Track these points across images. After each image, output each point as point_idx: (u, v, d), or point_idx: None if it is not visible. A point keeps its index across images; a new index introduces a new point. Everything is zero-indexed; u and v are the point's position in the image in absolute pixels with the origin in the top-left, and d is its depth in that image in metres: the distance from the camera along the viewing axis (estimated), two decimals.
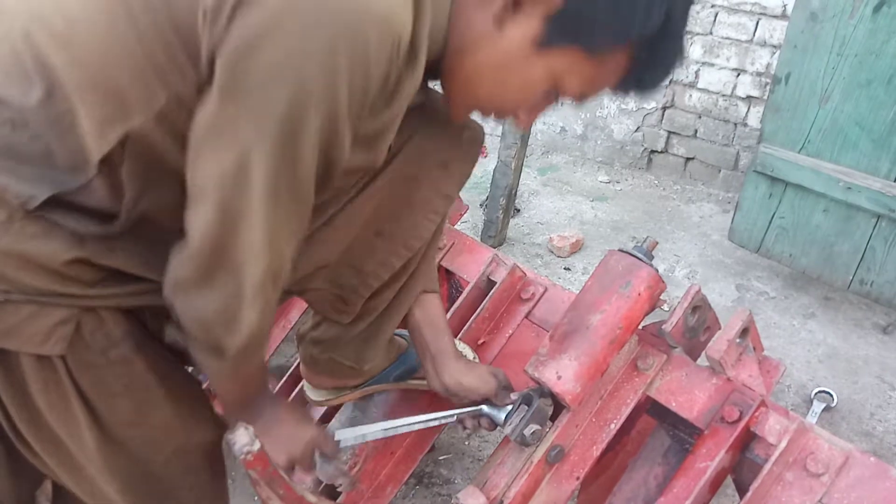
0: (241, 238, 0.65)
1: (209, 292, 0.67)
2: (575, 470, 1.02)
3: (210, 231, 0.64)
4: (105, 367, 0.78)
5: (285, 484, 0.92)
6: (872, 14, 1.68)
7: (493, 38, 0.69)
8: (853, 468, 0.85)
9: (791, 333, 2.08)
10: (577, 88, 0.75)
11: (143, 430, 0.84)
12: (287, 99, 0.59)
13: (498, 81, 0.74)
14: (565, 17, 0.67)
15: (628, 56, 0.71)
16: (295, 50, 0.57)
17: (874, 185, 1.80)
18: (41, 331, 0.72)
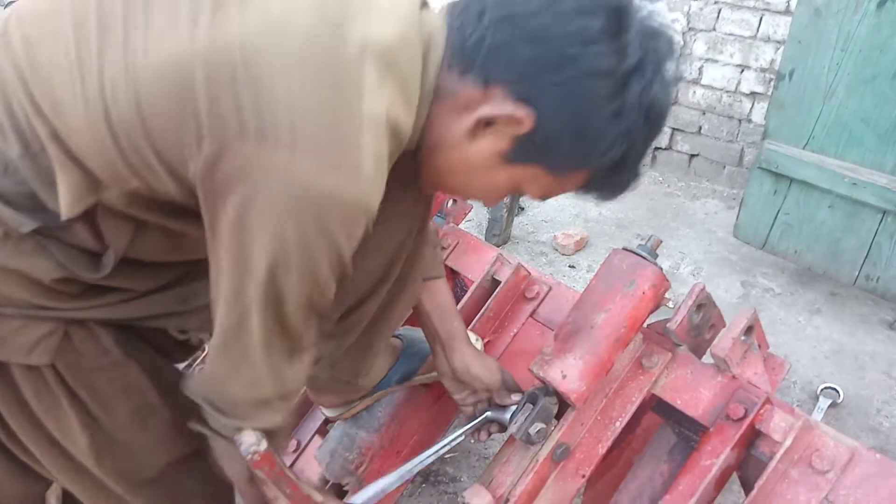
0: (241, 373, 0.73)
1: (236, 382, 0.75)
2: (580, 468, 1.03)
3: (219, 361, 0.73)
4: (98, 373, 0.80)
5: (292, 483, 0.93)
6: (876, 9, 1.67)
7: (464, 147, 0.73)
8: (859, 465, 0.86)
9: (797, 329, 2.08)
10: (537, 194, 0.81)
11: (144, 434, 0.86)
12: (272, 271, 0.64)
13: (464, 181, 0.79)
14: (532, 141, 0.70)
15: (587, 176, 0.77)
16: (279, 234, 0.62)
17: (879, 181, 1.79)
18: (27, 342, 0.75)
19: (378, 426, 1.19)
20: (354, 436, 1.18)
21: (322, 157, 0.60)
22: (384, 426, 1.19)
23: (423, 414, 1.25)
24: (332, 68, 0.61)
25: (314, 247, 0.63)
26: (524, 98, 0.67)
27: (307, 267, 0.65)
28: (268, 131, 0.59)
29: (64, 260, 0.72)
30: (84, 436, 0.81)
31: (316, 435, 1.37)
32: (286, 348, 0.73)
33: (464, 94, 0.70)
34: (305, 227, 0.62)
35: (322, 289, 0.68)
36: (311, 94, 0.61)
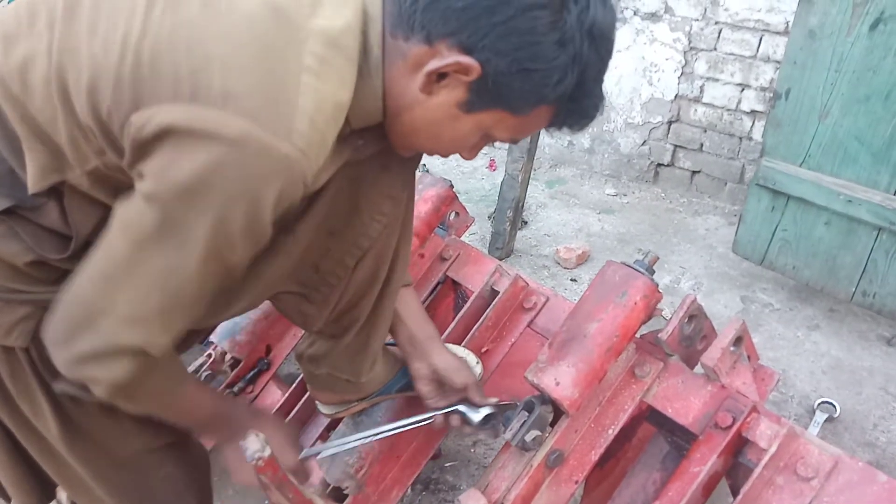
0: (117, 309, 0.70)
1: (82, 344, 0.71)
2: (574, 474, 1.05)
3: (96, 301, 0.70)
4: None
5: (295, 489, 0.96)
6: (869, 31, 1.71)
7: (423, 104, 0.76)
8: (842, 473, 0.88)
9: (795, 345, 2.10)
10: (506, 137, 0.83)
11: (112, 424, 0.88)
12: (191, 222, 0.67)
13: (432, 137, 0.81)
14: (485, 86, 0.73)
15: (551, 111, 0.79)
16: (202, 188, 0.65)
17: (874, 199, 1.82)
18: (5, 324, 0.78)
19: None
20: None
21: (254, 116, 0.64)
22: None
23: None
24: (272, 42, 0.67)
25: (233, 197, 0.65)
26: (468, 46, 0.70)
27: (221, 215, 0.66)
28: (200, 92, 0.64)
29: (32, 242, 0.76)
30: (54, 421, 0.84)
31: (318, 440, 1.40)
32: (173, 294, 0.71)
33: (411, 55, 0.73)
34: (228, 177, 0.64)
35: (230, 242, 0.69)
36: (249, 63, 0.65)
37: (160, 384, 0.80)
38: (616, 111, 3.21)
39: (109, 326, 0.69)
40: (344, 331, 1.05)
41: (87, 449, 0.88)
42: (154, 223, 0.67)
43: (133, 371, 0.72)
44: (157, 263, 0.68)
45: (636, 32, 3.00)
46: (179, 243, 0.68)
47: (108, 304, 0.69)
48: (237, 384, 1.58)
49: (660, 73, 3.00)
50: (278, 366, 1.62)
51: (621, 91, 3.15)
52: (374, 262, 0.99)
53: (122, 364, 0.71)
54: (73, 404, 0.85)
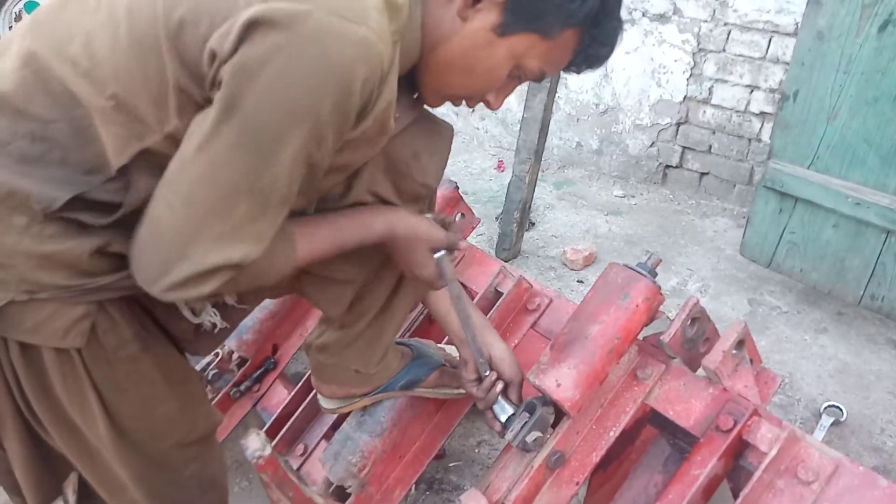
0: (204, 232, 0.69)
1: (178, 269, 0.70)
2: (575, 475, 1.06)
3: (181, 227, 0.69)
4: (115, 364, 0.84)
5: (295, 487, 0.98)
6: (878, 33, 1.70)
7: (459, 31, 0.81)
8: (843, 477, 0.88)
9: (803, 348, 2.09)
10: (536, 67, 0.86)
11: (149, 423, 0.90)
12: (277, 118, 0.67)
13: (467, 68, 0.84)
14: (518, 6, 0.79)
15: (577, 36, 0.84)
16: (288, 79, 0.66)
17: (882, 201, 1.81)
18: (63, 326, 0.78)
19: (381, 431, 1.23)
20: (358, 439, 1.22)
21: (328, 5, 0.66)
22: (387, 431, 1.23)
23: (425, 420, 1.29)
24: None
25: (319, 84, 0.66)
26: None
27: (309, 105, 0.67)
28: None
29: (88, 218, 0.74)
30: (103, 419, 0.85)
31: (323, 440, 1.41)
32: (262, 200, 0.71)
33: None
34: (312, 64, 0.65)
35: (320, 133, 0.69)
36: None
37: (269, 266, 0.79)
38: (624, 112, 3.20)
39: (202, 251, 0.69)
40: (355, 320, 1.06)
41: (128, 449, 0.90)
42: (237, 127, 0.67)
43: (237, 276, 0.72)
44: (242, 169, 0.68)
45: (645, 34, 2.99)
46: (266, 143, 0.67)
47: (195, 228, 0.69)
48: (244, 383, 1.60)
49: (668, 74, 2.99)
50: (285, 365, 1.63)
51: (630, 92, 3.14)
52: None
53: (223, 276, 0.71)
54: (116, 404, 0.86)
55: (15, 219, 0.73)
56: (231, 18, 0.66)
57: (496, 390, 1.10)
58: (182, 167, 0.69)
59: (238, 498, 1.59)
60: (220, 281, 0.71)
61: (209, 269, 0.70)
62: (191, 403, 0.96)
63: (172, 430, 0.94)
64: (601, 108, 3.28)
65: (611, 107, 3.25)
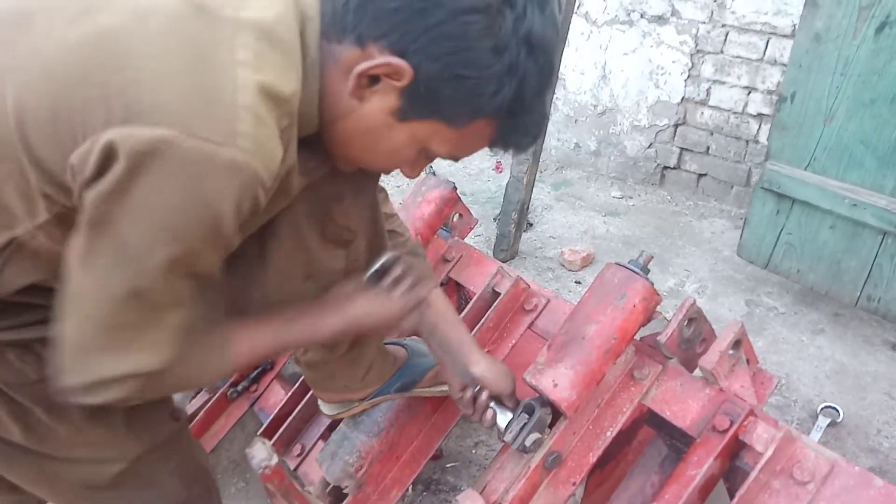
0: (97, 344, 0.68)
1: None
2: (571, 476, 1.06)
3: (78, 341, 0.69)
4: (43, 383, 0.78)
5: (300, 496, 0.98)
6: (875, 35, 1.71)
7: (357, 110, 0.73)
8: (838, 477, 0.88)
9: (799, 349, 2.09)
10: (445, 152, 0.79)
11: (104, 432, 0.87)
12: (146, 240, 0.64)
13: (367, 147, 0.78)
14: (417, 92, 0.70)
15: (490, 126, 0.75)
16: (153, 207, 0.63)
17: (879, 203, 1.82)
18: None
19: (378, 431, 1.23)
20: (355, 440, 1.22)
21: (189, 127, 0.60)
22: (384, 431, 1.23)
23: (422, 420, 1.29)
24: (200, 43, 0.63)
25: (185, 212, 0.63)
26: (399, 49, 0.68)
27: (176, 232, 0.64)
28: (132, 110, 0.60)
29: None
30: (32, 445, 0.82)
31: (320, 440, 1.41)
32: (149, 312, 0.68)
33: (344, 58, 0.70)
34: (175, 194, 0.62)
35: (193, 254, 0.66)
36: (177, 69, 0.61)
37: (199, 369, 0.77)
38: (622, 114, 3.21)
39: (95, 363, 0.68)
40: (336, 343, 1.06)
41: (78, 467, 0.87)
42: (109, 247, 0.65)
43: (142, 386, 0.71)
44: (122, 284, 0.66)
45: (643, 35, 3.00)
46: (139, 260, 0.65)
47: (88, 341, 0.68)
48: (241, 383, 1.60)
49: (666, 75, 2.99)
50: (282, 365, 1.63)
51: (627, 94, 3.15)
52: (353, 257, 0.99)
53: (125, 387, 0.70)
54: (56, 424, 0.82)
55: None
56: (91, 137, 0.61)
57: (482, 402, 1.08)
58: (71, 283, 0.68)
59: (234, 499, 1.59)
60: (126, 390, 0.70)
61: (106, 380, 0.69)
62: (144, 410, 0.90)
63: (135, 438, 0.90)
64: (599, 110, 3.29)
65: (609, 108, 3.25)
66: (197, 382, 0.79)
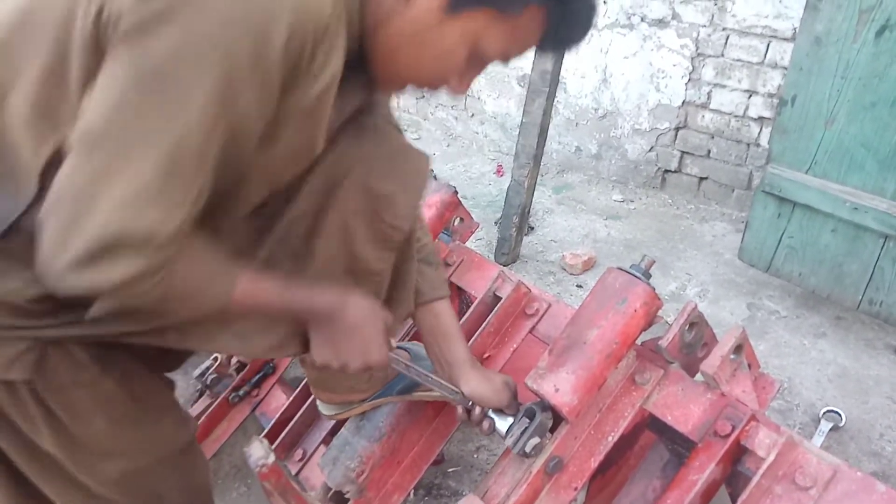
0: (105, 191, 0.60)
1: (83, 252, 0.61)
2: (573, 481, 1.06)
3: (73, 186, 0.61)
4: (75, 389, 0.80)
5: (298, 495, 0.98)
6: (875, 38, 1.71)
7: (403, 11, 0.70)
8: (841, 482, 0.88)
9: (801, 353, 2.09)
10: (497, 49, 0.75)
11: (123, 442, 0.87)
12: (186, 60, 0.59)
13: (415, 52, 0.73)
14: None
15: (542, 14, 0.72)
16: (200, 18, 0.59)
17: (880, 206, 1.81)
18: (5, 359, 0.74)
19: (379, 436, 1.23)
20: (356, 445, 1.22)
21: None
22: (385, 436, 1.23)
23: (423, 425, 1.29)
24: None
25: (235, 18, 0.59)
26: None
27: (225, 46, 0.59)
28: None
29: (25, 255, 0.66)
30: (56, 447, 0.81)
31: (321, 445, 1.41)
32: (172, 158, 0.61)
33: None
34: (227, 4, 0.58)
35: (235, 82, 0.61)
36: None
37: (192, 277, 0.70)
38: (623, 117, 3.21)
39: (103, 214, 0.60)
40: None
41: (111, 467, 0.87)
42: (142, 74, 0.59)
43: (141, 267, 0.62)
44: (149, 120, 0.60)
45: (643, 38, 3.00)
46: (174, 89, 0.59)
47: (96, 188, 0.60)
48: (243, 387, 1.60)
49: (667, 79, 2.99)
50: (284, 369, 1.64)
51: (628, 97, 3.15)
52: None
53: (131, 255, 0.61)
54: (81, 430, 0.82)
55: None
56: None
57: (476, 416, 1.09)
58: (85, 123, 0.61)
59: (236, 503, 1.59)
60: (126, 263, 0.61)
61: (113, 241, 0.60)
62: (162, 417, 0.93)
63: (149, 447, 0.91)
64: (600, 113, 3.29)
65: (610, 111, 3.26)
66: (192, 297, 0.71)
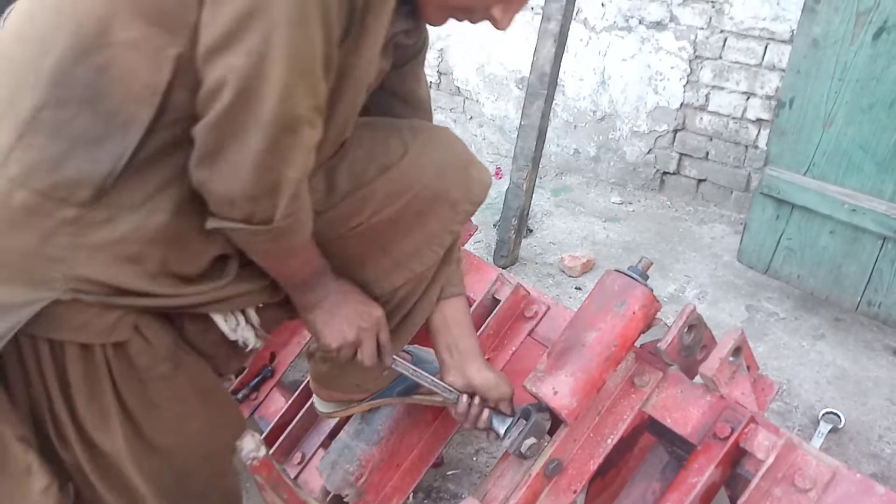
0: (262, 98, 0.69)
1: (237, 155, 0.72)
2: (572, 483, 1.06)
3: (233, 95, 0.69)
4: (148, 383, 0.84)
5: (290, 489, 0.97)
6: (872, 40, 1.71)
7: None
8: (840, 484, 0.88)
9: (800, 354, 2.09)
10: None
11: (182, 437, 0.91)
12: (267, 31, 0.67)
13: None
14: None
15: None
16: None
17: (879, 208, 1.82)
18: (109, 323, 0.79)
19: (378, 439, 1.23)
20: (355, 448, 1.22)
21: None
22: (384, 439, 1.23)
23: (422, 428, 1.29)
24: None
25: None
26: None
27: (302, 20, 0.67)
28: None
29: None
30: (122, 431, 0.85)
31: (320, 448, 1.41)
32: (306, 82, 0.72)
33: None
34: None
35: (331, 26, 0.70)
36: None
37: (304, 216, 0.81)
38: (622, 119, 3.22)
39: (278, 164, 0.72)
40: None
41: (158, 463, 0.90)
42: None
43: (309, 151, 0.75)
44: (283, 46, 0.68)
45: (641, 41, 3.01)
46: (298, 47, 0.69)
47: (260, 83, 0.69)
48: (242, 391, 1.59)
49: (665, 81, 3.00)
50: (282, 373, 1.63)
51: (627, 99, 3.16)
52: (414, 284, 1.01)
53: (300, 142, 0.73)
54: (149, 420, 0.86)
55: (63, 212, 0.73)
56: None
57: (473, 412, 1.09)
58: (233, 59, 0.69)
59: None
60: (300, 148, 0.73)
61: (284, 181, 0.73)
62: (220, 417, 0.97)
63: (202, 445, 0.94)
64: (598, 115, 3.30)
65: (608, 114, 3.26)
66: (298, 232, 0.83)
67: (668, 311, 2.17)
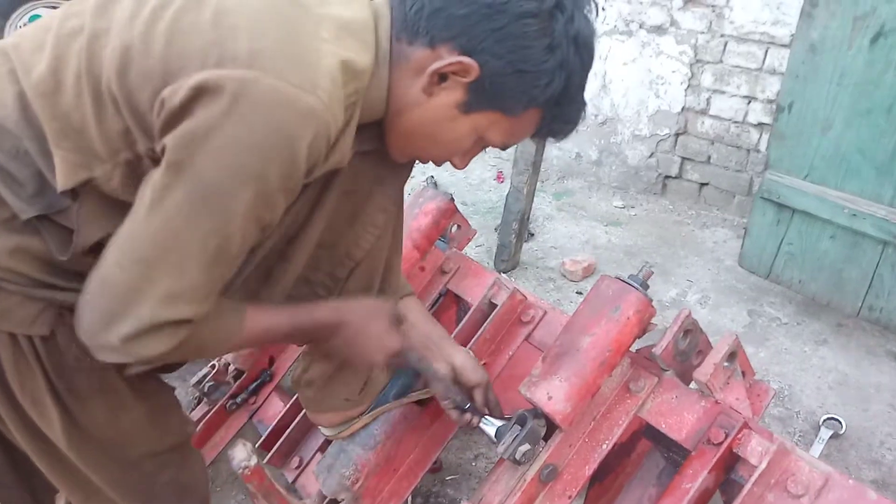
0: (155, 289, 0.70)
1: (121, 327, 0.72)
2: (567, 489, 1.06)
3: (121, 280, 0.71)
4: (78, 372, 0.85)
5: (281, 497, 0.98)
6: (870, 45, 1.71)
7: (424, 104, 0.83)
8: (833, 490, 0.88)
9: (802, 360, 2.08)
10: (499, 140, 0.89)
11: (116, 431, 0.91)
12: (227, 181, 0.69)
13: (430, 137, 0.87)
14: (482, 87, 0.80)
15: (539, 113, 0.86)
16: (236, 145, 0.68)
17: (879, 213, 1.81)
18: (30, 314, 0.80)
19: (374, 443, 1.23)
20: (351, 452, 1.22)
21: (279, 73, 0.68)
22: (380, 444, 1.23)
23: (419, 432, 1.29)
24: (292, 19, 0.73)
25: (268, 149, 0.68)
26: (467, 49, 0.78)
27: (259, 171, 0.69)
28: (227, 56, 0.68)
29: (53, 243, 0.77)
30: (60, 422, 0.85)
31: (318, 452, 1.41)
32: (212, 261, 0.72)
33: (415, 57, 0.80)
34: (260, 131, 0.68)
35: (269, 198, 0.72)
36: (272, 28, 0.71)
37: (212, 335, 0.81)
38: (623, 123, 3.22)
39: (150, 307, 0.70)
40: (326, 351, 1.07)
41: (97, 454, 0.90)
42: (188, 189, 0.68)
43: (180, 337, 0.74)
44: (194, 233, 0.70)
45: (642, 45, 3.01)
46: (216, 207, 0.69)
47: (144, 284, 0.70)
48: (240, 395, 1.60)
49: (666, 85, 3.00)
50: (281, 377, 1.64)
51: (628, 103, 3.16)
52: (367, 273, 1.01)
53: (167, 336, 0.72)
54: (78, 410, 0.86)
55: None
56: (184, 77, 0.68)
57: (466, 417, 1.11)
58: (134, 227, 0.71)
59: None
60: (168, 339, 0.73)
61: (158, 325, 0.71)
62: (160, 413, 0.96)
63: (141, 439, 0.94)
64: (600, 119, 3.30)
65: (609, 118, 3.26)
66: (208, 349, 0.83)
67: (670, 315, 2.17)
